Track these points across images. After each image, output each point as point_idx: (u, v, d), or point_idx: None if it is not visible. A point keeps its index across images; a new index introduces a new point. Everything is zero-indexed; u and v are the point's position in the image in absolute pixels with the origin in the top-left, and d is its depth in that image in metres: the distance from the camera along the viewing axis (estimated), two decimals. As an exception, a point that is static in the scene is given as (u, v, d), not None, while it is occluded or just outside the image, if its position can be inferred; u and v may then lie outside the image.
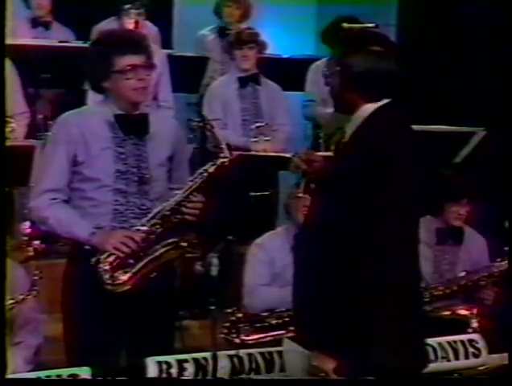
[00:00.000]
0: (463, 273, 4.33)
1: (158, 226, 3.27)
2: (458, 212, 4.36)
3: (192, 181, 3.33)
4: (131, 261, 3.22)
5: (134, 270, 3.21)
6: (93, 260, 3.19)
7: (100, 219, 3.28)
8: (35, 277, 3.48)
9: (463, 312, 4.15)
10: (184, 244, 3.26)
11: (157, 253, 3.24)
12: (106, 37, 3.47)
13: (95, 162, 3.27)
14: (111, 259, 3.20)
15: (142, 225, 3.26)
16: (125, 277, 3.20)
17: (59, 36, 5.65)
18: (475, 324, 4.02)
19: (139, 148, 3.34)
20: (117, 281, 3.19)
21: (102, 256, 3.20)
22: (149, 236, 3.25)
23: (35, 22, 5.69)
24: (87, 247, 3.24)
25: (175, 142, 3.45)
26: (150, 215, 3.28)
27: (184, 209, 3.29)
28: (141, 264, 3.22)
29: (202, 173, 3.33)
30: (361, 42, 2.98)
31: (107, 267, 3.19)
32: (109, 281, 3.19)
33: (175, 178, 3.44)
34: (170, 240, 3.26)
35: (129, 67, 3.26)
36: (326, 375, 2.81)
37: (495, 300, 4.31)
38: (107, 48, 3.32)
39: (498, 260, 4.32)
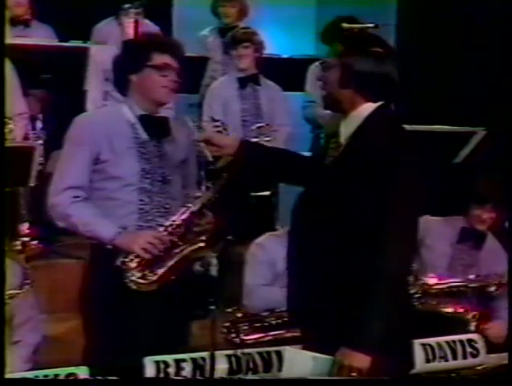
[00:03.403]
0: (473, 276, 4.33)
1: (182, 227, 3.27)
2: (481, 216, 4.36)
3: (213, 184, 3.32)
4: (156, 261, 3.22)
5: (163, 269, 3.22)
6: (120, 260, 3.20)
7: (125, 220, 3.28)
8: (27, 271, 3.49)
9: (464, 312, 4.15)
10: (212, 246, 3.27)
11: (185, 252, 3.25)
12: (149, 34, 3.57)
13: (120, 160, 3.29)
14: (137, 259, 3.20)
15: (170, 225, 3.26)
16: (153, 277, 3.20)
17: (40, 34, 5.63)
18: (474, 326, 4.03)
19: (159, 149, 3.37)
20: (146, 281, 3.20)
21: (129, 257, 3.20)
22: (173, 237, 3.25)
23: (14, 21, 5.66)
24: (108, 247, 3.24)
25: (187, 147, 3.48)
26: (178, 217, 3.28)
27: (201, 221, 3.30)
28: (170, 264, 3.23)
29: (223, 176, 3.31)
30: (366, 41, 3.00)
31: (134, 267, 3.20)
32: (138, 281, 3.19)
33: (187, 183, 3.47)
34: (199, 238, 3.26)
35: (165, 65, 3.30)
36: (359, 374, 2.77)
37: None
38: (147, 42, 3.38)
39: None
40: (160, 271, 3.21)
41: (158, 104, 3.38)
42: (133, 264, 3.20)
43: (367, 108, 2.91)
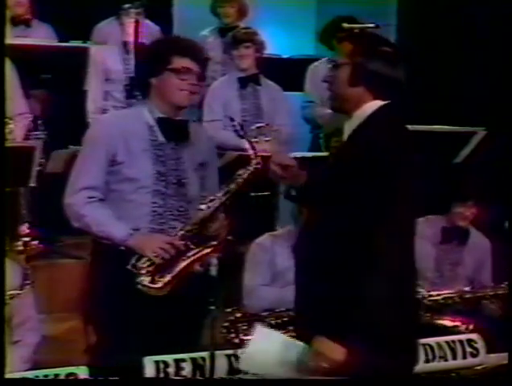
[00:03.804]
0: (468, 288, 4.32)
1: (195, 230, 3.29)
2: (464, 213, 4.37)
3: (228, 186, 3.34)
4: (167, 264, 3.23)
5: (173, 273, 3.22)
6: (131, 263, 3.21)
7: (138, 221, 3.29)
8: (28, 272, 3.50)
9: (459, 325, 4.15)
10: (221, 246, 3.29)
11: (197, 256, 3.25)
12: (170, 37, 3.57)
13: (135, 162, 3.30)
14: (148, 263, 3.21)
15: (181, 229, 3.28)
16: (163, 282, 3.21)
17: (40, 33, 5.65)
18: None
19: (176, 152, 3.37)
20: (156, 285, 3.20)
21: (141, 261, 3.21)
22: (186, 240, 3.27)
23: (15, 21, 5.67)
24: (121, 248, 3.25)
25: (207, 150, 3.50)
26: (189, 219, 3.30)
27: (213, 225, 3.31)
28: (179, 268, 3.23)
29: (237, 178, 3.34)
30: (377, 41, 3.00)
31: (144, 271, 3.21)
32: (148, 285, 3.20)
33: (208, 187, 3.46)
34: (210, 243, 3.27)
35: (184, 69, 3.30)
36: (331, 365, 2.72)
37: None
38: (168, 46, 3.40)
39: (506, 282, 4.27)
40: (170, 275, 3.21)
41: (178, 107, 3.37)
42: (144, 268, 3.21)
43: (372, 106, 2.91)
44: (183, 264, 3.23)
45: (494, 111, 5.41)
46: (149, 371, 3.23)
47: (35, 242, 4.72)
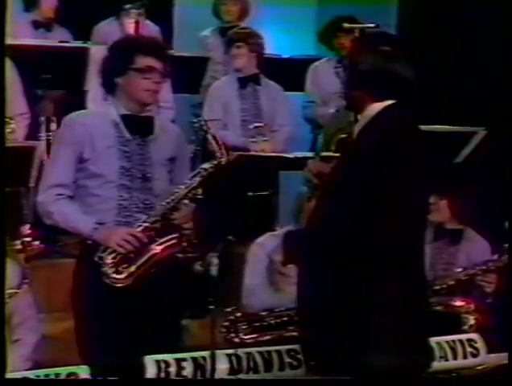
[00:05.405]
0: (460, 269, 4.32)
1: (159, 222, 3.34)
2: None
3: (191, 179, 3.41)
4: (132, 256, 3.29)
5: (135, 265, 3.28)
6: (97, 255, 3.27)
7: (105, 215, 3.36)
8: (26, 271, 3.52)
9: (460, 307, 4.13)
10: (184, 243, 3.32)
11: (161, 247, 3.30)
12: (133, 36, 3.70)
13: (100, 159, 3.36)
14: (113, 255, 3.28)
15: (144, 221, 3.33)
16: (127, 273, 3.27)
17: (60, 37, 5.67)
18: (472, 321, 4.01)
19: (142, 148, 3.43)
20: (120, 276, 3.26)
21: (105, 252, 3.28)
22: (150, 232, 3.32)
23: (37, 24, 5.70)
24: (90, 242, 3.32)
25: (176, 146, 3.55)
26: (152, 212, 3.35)
27: (175, 215, 3.37)
28: (142, 260, 3.29)
29: (200, 172, 3.41)
30: (371, 41, 3.00)
31: (109, 262, 3.27)
32: (112, 276, 3.26)
33: (178, 181, 3.49)
34: (170, 236, 3.33)
35: (148, 68, 3.36)
36: None
37: (494, 289, 4.27)
38: (131, 45, 3.46)
39: (496, 255, 4.30)
40: (134, 266, 3.28)
41: (143, 104, 3.44)
42: (109, 260, 3.27)
43: (377, 106, 2.91)
44: (147, 255, 3.29)
45: (494, 111, 5.40)
46: (150, 370, 3.24)
47: (36, 242, 4.73)
